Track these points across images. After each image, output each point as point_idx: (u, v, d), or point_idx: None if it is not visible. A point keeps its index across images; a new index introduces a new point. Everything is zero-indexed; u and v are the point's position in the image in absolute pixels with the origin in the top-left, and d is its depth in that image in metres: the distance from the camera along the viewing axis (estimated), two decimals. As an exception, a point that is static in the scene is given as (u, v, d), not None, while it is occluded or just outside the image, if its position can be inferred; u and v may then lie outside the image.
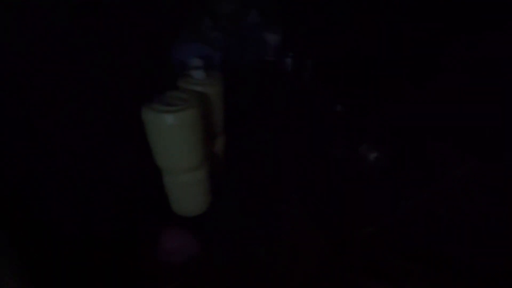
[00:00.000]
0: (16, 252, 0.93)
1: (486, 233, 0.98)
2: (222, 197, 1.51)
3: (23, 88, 1.10)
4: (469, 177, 1.06)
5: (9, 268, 0.88)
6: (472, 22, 1.37)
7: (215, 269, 1.22)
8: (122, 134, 1.27)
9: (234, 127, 1.70)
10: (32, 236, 1.11)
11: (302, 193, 1.56)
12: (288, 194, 1.57)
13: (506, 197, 0.96)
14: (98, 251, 1.19)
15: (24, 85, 1.09)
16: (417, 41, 1.67)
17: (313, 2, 1.97)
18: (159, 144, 1.09)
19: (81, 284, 1.08)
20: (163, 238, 1.25)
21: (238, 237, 1.36)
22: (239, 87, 1.75)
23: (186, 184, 1.23)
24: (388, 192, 1.44)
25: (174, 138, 1.05)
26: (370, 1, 1.83)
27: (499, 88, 1.13)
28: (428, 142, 1.42)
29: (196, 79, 1.24)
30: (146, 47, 1.26)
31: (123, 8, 1.23)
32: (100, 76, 1.21)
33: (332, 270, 1.21)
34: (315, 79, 1.96)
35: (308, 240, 1.34)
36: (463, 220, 1.07)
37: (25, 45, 1.06)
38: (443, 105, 1.42)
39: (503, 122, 1.08)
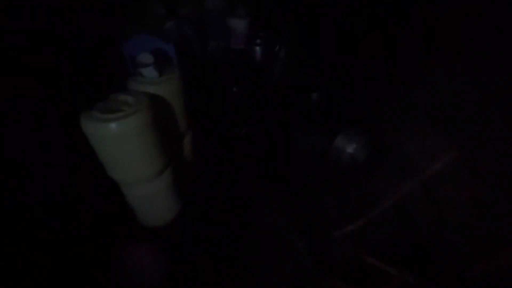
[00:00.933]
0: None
1: (466, 232, 0.93)
2: (193, 202, 1.42)
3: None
4: (449, 170, 1.00)
5: None
6: None
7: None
8: (65, 140, 1.11)
9: (203, 124, 1.59)
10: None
11: (277, 192, 1.48)
12: (263, 193, 1.48)
13: (486, 190, 0.90)
14: (59, 269, 1.08)
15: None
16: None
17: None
18: (105, 156, 0.96)
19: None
20: (124, 258, 1.12)
21: (210, 243, 1.27)
22: (204, 80, 1.61)
23: (145, 195, 1.12)
24: (366, 188, 1.38)
25: (121, 149, 0.93)
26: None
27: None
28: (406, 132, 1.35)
29: (148, 78, 1.10)
30: (87, 41, 1.09)
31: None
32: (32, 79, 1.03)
33: (310, 274, 1.15)
34: (289, 66, 1.84)
35: (285, 244, 1.26)
36: (443, 217, 1.02)
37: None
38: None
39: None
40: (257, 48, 1.68)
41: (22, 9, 0.87)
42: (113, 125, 0.86)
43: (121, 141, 0.91)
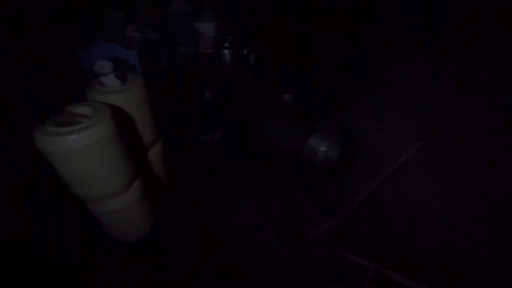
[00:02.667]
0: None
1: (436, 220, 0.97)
2: (168, 213, 1.36)
3: None
4: (413, 163, 1.03)
5: None
6: None
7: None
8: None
9: (173, 132, 1.53)
10: None
11: (254, 195, 1.46)
12: (240, 197, 1.46)
13: (449, 181, 0.94)
14: None
15: None
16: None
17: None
18: (64, 173, 0.89)
19: None
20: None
21: (189, 253, 1.23)
22: (173, 86, 1.56)
23: (114, 211, 1.05)
24: (341, 185, 1.39)
25: (81, 164, 0.86)
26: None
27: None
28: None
29: (109, 87, 1.04)
30: (42, 48, 1.00)
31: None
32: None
33: (292, 276, 1.14)
34: (260, 68, 1.83)
35: (265, 247, 1.25)
36: (414, 211, 1.05)
37: None
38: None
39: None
40: (226, 51, 1.65)
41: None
42: (70, 139, 0.80)
43: (81, 156, 0.84)
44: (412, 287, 0.85)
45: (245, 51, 1.66)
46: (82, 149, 0.83)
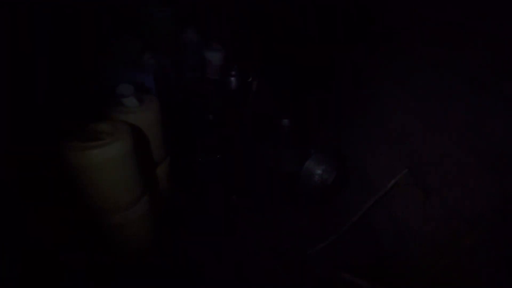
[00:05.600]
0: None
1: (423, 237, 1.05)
2: (170, 229, 1.41)
3: None
4: (400, 187, 1.14)
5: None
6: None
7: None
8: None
9: (180, 150, 1.62)
10: None
11: (253, 215, 1.53)
12: (240, 216, 1.52)
13: (433, 205, 1.03)
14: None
15: None
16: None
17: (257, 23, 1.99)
18: (84, 184, 0.96)
19: None
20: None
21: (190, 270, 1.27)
22: (181, 108, 1.68)
23: (122, 223, 1.11)
24: (335, 207, 1.48)
25: (102, 176, 0.94)
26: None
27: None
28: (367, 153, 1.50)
29: (128, 107, 1.15)
30: (67, 70, 1.11)
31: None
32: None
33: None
34: (261, 96, 1.97)
35: (262, 263, 1.30)
36: (402, 232, 1.14)
37: None
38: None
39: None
40: (232, 79, 1.80)
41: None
42: (93, 153, 0.89)
43: (101, 168, 0.93)
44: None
45: (250, 79, 1.81)
46: (103, 162, 0.92)
